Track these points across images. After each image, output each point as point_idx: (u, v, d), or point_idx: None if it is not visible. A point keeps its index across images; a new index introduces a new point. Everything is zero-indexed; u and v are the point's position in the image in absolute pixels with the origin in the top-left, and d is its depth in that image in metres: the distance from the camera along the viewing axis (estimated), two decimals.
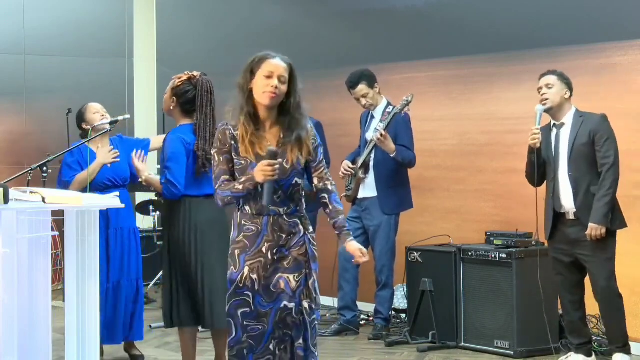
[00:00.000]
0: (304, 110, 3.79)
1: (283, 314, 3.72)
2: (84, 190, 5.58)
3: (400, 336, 6.44)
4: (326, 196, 3.84)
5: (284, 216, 3.74)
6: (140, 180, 5.31)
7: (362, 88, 6.61)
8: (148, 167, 5.26)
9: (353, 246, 3.79)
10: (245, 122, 3.74)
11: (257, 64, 3.74)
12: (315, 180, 3.85)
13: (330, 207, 3.83)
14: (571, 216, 5.40)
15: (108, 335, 5.67)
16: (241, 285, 3.75)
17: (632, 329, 5.96)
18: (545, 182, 5.54)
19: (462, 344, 6.17)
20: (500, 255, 5.95)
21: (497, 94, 6.94)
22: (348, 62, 7.83)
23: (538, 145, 5.44)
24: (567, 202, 5.40)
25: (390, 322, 6.77)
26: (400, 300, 6.98)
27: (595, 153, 5.32)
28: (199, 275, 4.94)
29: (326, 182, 3.85)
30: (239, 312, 3.75)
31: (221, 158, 3.77)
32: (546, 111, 5.48)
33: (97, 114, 5.81)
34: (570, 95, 5.46)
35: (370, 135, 6.63)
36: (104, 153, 5.69)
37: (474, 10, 7.06)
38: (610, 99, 6.12)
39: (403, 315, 6.97)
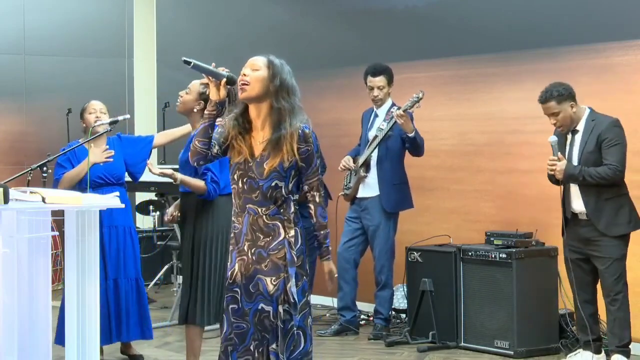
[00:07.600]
0: (291, 105, 3.62)
1: (261, 316, 3.64)
2: (75, 188, 5.54)
3: (400, 336, 6.44)
4: (312, 208, 3.72)
5: (264, 217, 3.65)
6: (175, 182, 5.18)
7: (382, 79, 6.64)
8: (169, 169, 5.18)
9: (326, 267, 3.74)
10: (232, 124, 3.70)
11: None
12: (305, 188, 3.71)
13: (315, 220, 3.73)
14: (584, 217, 5.34)
15: (116, 332, 5.65)
16: (231, 281, 3.72)
17: (632, 329, 5.96)
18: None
19: (462, 344, 6.17)
20: (500, 255, 5.95)
21: (497, 94, 6.94)
22: (348, 62, 7.84)
23: (558, 176, 5.31)
24: (578, 207, 5.34)
25: (390, 322, 6.77)
26: (400, 300, 6.98)
27: (602, 159, 5.22)
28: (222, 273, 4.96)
29: (315, 193, 3.71)
30: (230, 307, 3.72)
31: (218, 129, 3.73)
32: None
33: (93, 114, 5.74)
34: (576, 102, 5.35)
35: (372, 133, 6.65)
36: (96, 152, 5.64)
37: (474, 10, 7.06)
38: (610, 99, 6.12)
39: (403, 315, 6.97)
